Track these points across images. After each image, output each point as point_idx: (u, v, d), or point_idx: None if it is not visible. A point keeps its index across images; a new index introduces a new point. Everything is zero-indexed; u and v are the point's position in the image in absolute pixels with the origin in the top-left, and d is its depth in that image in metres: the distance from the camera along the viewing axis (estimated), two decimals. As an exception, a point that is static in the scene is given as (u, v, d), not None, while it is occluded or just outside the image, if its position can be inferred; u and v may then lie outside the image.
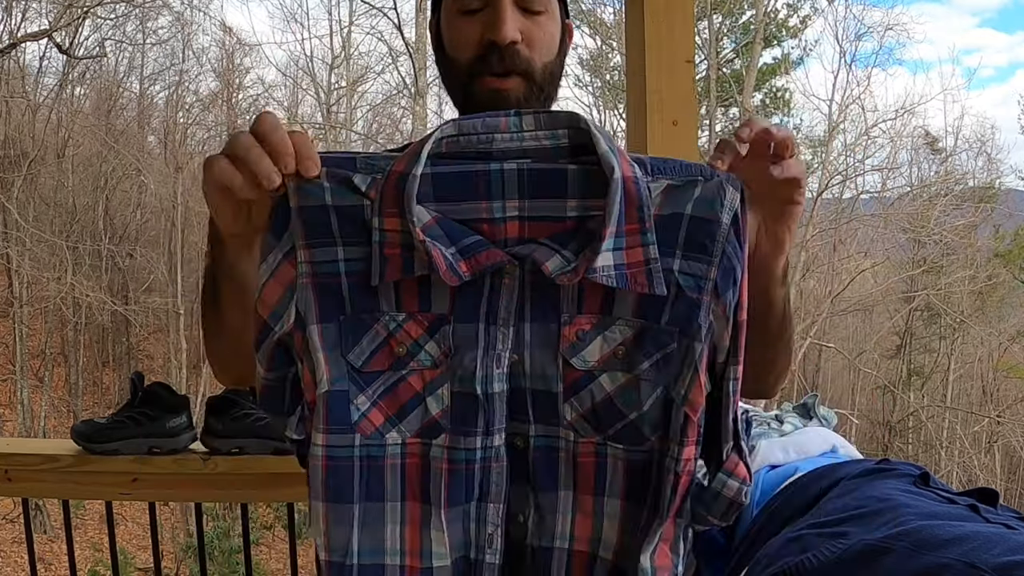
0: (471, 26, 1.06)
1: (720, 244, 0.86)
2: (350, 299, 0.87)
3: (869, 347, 16.80)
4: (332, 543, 0.91)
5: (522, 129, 0.84)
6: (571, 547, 0.92)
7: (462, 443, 0.89)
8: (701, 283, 0.86)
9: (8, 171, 14.58)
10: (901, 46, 20.19)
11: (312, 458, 0.90)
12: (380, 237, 0.84)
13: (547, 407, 0.90)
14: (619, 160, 0.82)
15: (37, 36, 13.78)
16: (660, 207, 0.85)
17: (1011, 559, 0.80)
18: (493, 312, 0.87)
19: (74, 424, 1.78)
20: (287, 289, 0.87)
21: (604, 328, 0.88)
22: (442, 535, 0.90)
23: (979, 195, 15.57)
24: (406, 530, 0.91)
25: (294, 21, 21.94)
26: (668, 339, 0.87)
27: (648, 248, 0.84)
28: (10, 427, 14.41)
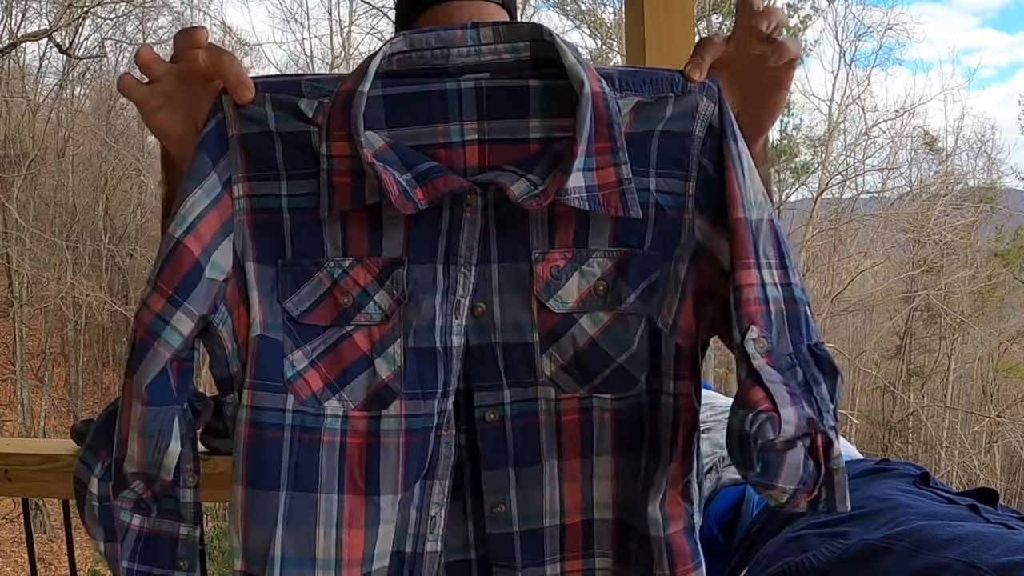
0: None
1: (695, 158, 0.80)
2: (292, 240, 0.78)
3: (869, 347, 16.79)
4: (251, 544, 0.81)
5: (480, 42, 0.77)
6: (562, 521, 0.85)
7: (421, 408, 0.79)
8: (681, 200, 0.81)
9: (8, 171, 14.58)
10: (900, 46, 20.15)
11: (236, 424, 0.80)
12: (328, 164, 0.75)
13: (522, 362, 0.81)
14: (588, 74, 0.75)
15: (37, 36, 13.77)
16: (631, 125, 0.79)
17: (1011, 559, 0.80)
18: (453, 250, 0.78)
19: (74, 424, 1.77)
20: (223, 224, 0.77)
21: (581, 262, 0.80)
22: (391, 528, 0.80)
23: (979, 195, 15.56)
24: (343, 533, 0.79)
25: (294, 21, 21.88)
26: (652, 265, 0.82)
27: (620, 168, 0.77)
28: (10, 427, 14.40)
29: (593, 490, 0.85)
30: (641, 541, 0.85)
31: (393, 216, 0.77)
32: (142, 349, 0.78)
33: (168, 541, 0.86)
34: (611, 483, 0.85)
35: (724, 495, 1.44)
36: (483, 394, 0.82)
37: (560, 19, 18.34)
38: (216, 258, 0.77)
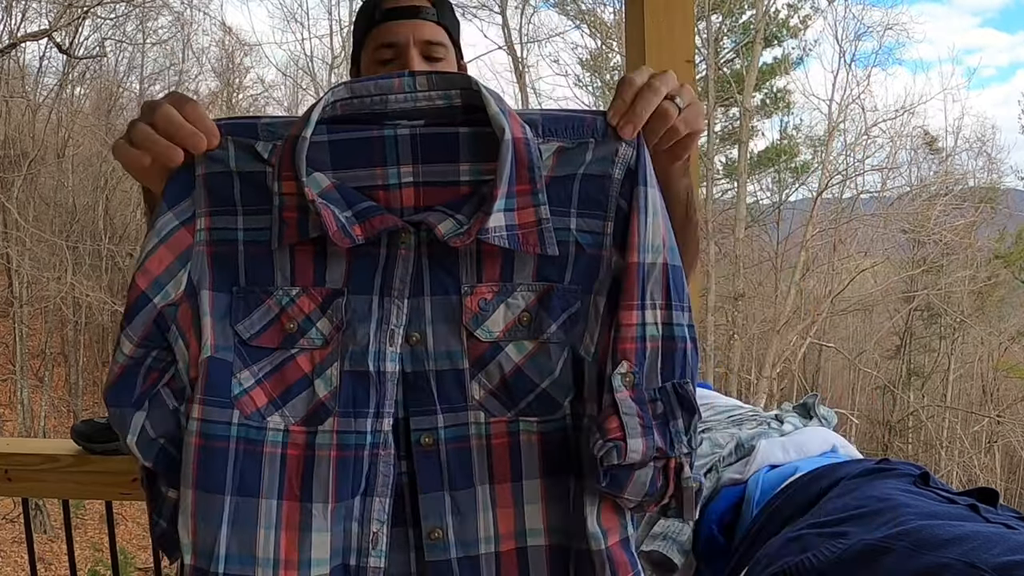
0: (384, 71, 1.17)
1: (614, 199, 0.87)
2: (245, 270, 0.87)
3: (869, 347, 16.80)
4: (199, 542, 0.85)
5: (415, 89, 0.84)
6: (497, 548, 0.88)
7: (352, 426, 0.85)
8: (600, 238, 0.88)
9: (8, 171, 14.58)
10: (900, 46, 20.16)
11: (187, 435, 0.86)
12: (279, 201, 0.84)
13: (453, 388, 0.88)
14: (509, 122, 0.82)
15: (37, 36, 13.77)
16: (553, 169, 0.86)
17: (1011, 559, 0.80)
18: (388, 283, 0.86)
19: (74, 424, 1.78)
20: (178, 257, 0.86)
21: (506, 295, 0.87)
22: (325, 537, 0.85)
23: (979, 195, 15.56)
24: (281, 535, 0.85)
25: (294, 21, 21.89)
26: (573, 298, 0.88)
27: (539, 208, 0.84)
28: (10, 427, 14.41)
29: (525, 515, 0.89)
30: (581, 557, 0.89)
31: (336, 251, 0.85)
32: (111, 365, 0.91)
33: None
34: (542, 507, 0.89)
35: (724, 495, 1.45)
36: (419, 419, 0.88)
37: (560, 19, 18.36)
38: (168, 287, 0.87)
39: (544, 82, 15.84)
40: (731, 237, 13.91)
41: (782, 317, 13.48)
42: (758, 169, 15.60)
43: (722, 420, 1.66)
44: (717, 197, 14.70)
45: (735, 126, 14.73)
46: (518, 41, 14.85)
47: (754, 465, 1.44)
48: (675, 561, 1.43)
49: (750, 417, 1.65)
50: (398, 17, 1.22)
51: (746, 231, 14.26)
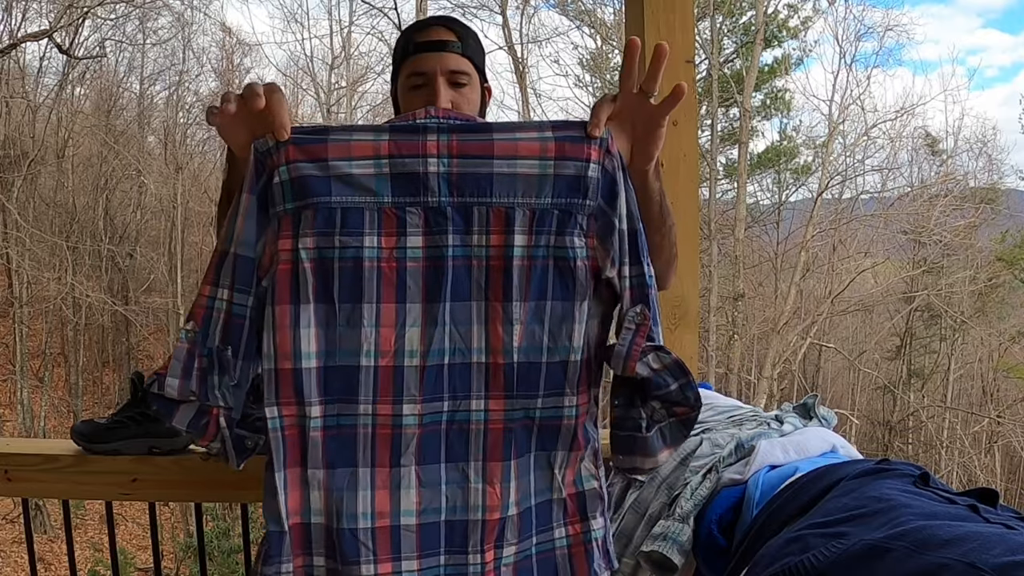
0: (418, 99, 1.37)
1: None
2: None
3: (869, 347, 16.79)
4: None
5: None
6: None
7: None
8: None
9: (8, 171, 14.58)
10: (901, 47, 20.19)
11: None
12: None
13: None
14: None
15: (37, 36, 13.77)
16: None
17: (1011, 559, 0.80)
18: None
19: (74, 424, 1.78)
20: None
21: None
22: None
23: (980, 196, 15.56)
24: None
25: (294, 21, 21.96)
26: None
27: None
28: (10, 427, 14.40)
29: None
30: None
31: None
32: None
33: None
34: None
35: (724, 495, 1.44)
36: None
37: (560, 19, 18.35)
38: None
39: (544, 82, 15.83)
40: (731, 237, 13.91)
41: (782, 317, 13.48)
42: (758, 170, 15.60)
43: (722, 420, 1.66)
44: (718, 197, 14.70)
45: (735, 127, 14.72)
46: (518, 41, 14.87)
47: (754, 465, 1.44)
48: (675, 561, 1.43)
49: (750, 417, 1.65)
50: (427, 50, 1.37)
51: (746, 232, 14.27)
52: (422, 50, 1.36)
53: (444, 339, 1.08)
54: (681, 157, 1.87)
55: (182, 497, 2.13)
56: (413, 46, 1.37)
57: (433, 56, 1.36)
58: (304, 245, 1.06)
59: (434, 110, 1.11)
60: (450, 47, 1.39)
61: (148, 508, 2.04)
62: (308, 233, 1.06)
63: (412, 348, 1.07)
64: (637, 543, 1.55)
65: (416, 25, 1.43)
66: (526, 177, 1.08)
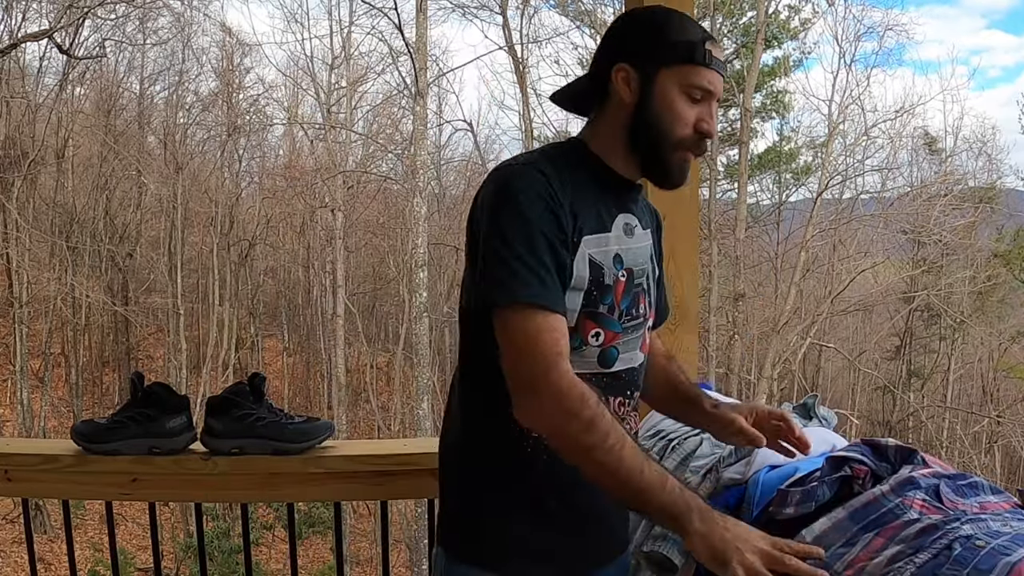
0: (691, 111, 1.24)
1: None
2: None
3: (869, 347, 16.79)
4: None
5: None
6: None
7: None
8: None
9: (8, 171, 14.57)
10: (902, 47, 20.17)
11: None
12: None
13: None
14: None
15: (37, 36, 13.76)
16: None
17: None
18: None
19: (74, 424, 1.78)
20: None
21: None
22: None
23: (979, 195, 15.55)
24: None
25: (294, 21, 21.86)
26: None
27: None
28: (10, 427, 14.40)
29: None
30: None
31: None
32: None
33: None
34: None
35: (724, 496, 1.44)
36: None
37: (561, 20, 18.33)
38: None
39: (545, 83, 15.80)
40: (732, 238, 13.91)
41: (782, 317, 13.48)
42: (759, 170, 15.60)
43: (722, 420, 1.66)
44: (718, 198, 14.70)
45: (735, 127, 14.72)
46: (519, 42, 14.86)
47: (754, 465, 1.44)
48: (675, 561, 1.43)
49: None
50: (720, 69, 1.26)
51: (747, 232, 14.27)
52: (717, 67, 1.25)
53: None
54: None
55: (182, 497, 2.13)
56: (708, 56, 1.24)
57: (719, 78, 1.26)
58: None
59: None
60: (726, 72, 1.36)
61: (148, 508, 2.04)
62: None
63: None
64: (638, 543, 1.55)
65: (705, 32, 1.29)
66: None
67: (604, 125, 1.28)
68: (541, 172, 1.19)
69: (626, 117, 1.26)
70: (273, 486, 1.79)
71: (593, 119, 1.32)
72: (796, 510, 1.20)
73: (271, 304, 20.06)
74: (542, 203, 1.16)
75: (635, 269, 1.28)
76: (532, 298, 1.13)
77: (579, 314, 1.21)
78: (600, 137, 1.29)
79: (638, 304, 1.29)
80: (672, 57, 1.24)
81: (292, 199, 17.33)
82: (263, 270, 19.28)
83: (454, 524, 1.30)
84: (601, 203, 1.25)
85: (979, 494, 1.13)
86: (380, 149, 17.16)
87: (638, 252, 1.30)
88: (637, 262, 1.29)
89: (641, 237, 1.31)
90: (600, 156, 1.28)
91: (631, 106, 1.25)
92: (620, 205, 1.29)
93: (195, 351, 16.44)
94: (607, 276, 1.23)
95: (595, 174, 1.27)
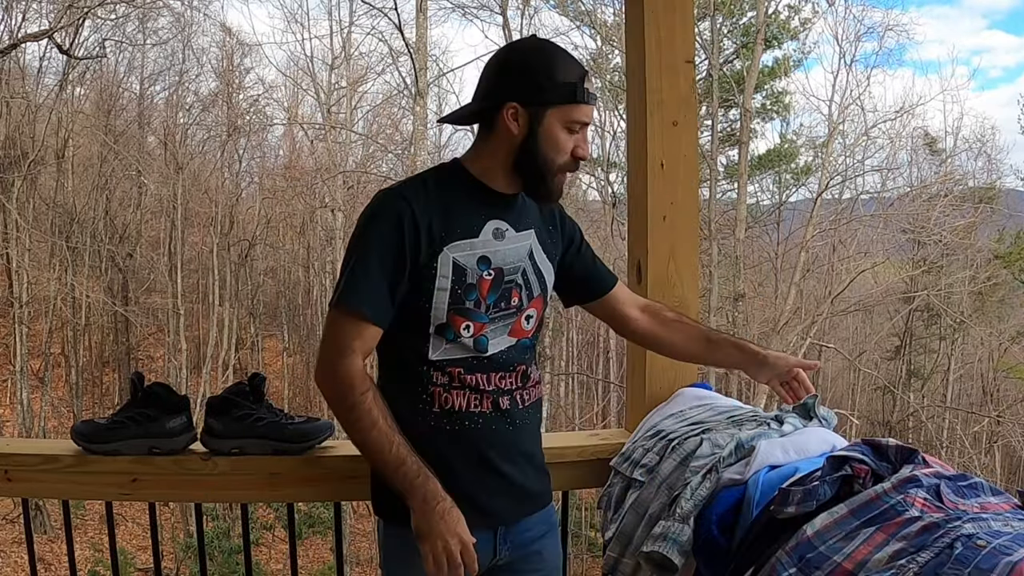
0: (569, 140, 1.47)
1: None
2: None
3: (869, 347, 16.79)
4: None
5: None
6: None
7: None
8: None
9: (8, 171, 14.57)
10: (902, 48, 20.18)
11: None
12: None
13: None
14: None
15: (37, 36, 13.77)
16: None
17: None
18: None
19: (74, 424, 1.77)
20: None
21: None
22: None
23: (979, 195, 15.55)
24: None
25: (294, 21, 21.93)
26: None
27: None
28: (10, 427, 14.40)
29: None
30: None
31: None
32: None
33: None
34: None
35: (724, 496, 1.44)
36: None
37: (561, 20, 18.32)
38: None
39: (544, 83, 15.71)
40: (732, 238, 13.91)
41: (782, 317, 13.48)
42: (759, 170, 15.60)
43: (722, 421, 1.66)
44: (718, 198, 14.69)
45: (735, 127, 14.72)
46: (518, 42, 14.81)
47: (754, 465, 1.44)
48: (675, 562, 1.43)
49: (750, 418, 1.64)
50: (593, 102, 1.49)
51: (747, 232, 14.26)
52: (591, 101, 1.48)
53: None
54: (681, 158, 1.87)
55: (182, 497, 2.13)
56: (585, 94, 1.46)
57: (592, 109, 1.49)
58: None
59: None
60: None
61: (148, 508, 2.04)
62: None
63: None
64: (637, 543, 1.55)
65: (582, 69, 1.49)
66: None
67: (488, 150, 1.50)
68: (404, 199, 1.44)
69: (513, 148, 1.47)
70: (273, 486, 1.79)
71: (477, 144, 1.52)
72: (797, 509, 1.20)
73: (271, 304, 20.06)
74: (391, 229, 1.42)
75: (505, 267, 1.50)
76: (350, 305, 1.42)
77: (447, 311, 1.45)
78: (482, 160, 1.50)
79: (510, 297, 1.51)
80: (556, 98, 1.45)
81: (292, 199, 17.33)
82: (263, 270, 19.27)
83: (382, 494, 1.53)
84: (471, 214, 1.48)
85: (979, 495, 1.13)
86: (380, 149, 17.17)
87: (508, 252, 1.50)
88: (507, 261, 1.50)
89: (514, 239, 1.52)
90: (477, 176, 1.50)
91: (519, 139, 1.46)
92: (491, 214, 1.50)
93: (195, 351, 16.43)
94: (470, 275, 1.46)
95: (469, 191, 1.49)
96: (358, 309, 1.42)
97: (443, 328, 1.46)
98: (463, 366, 1.47)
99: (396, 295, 1.44)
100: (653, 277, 1.88)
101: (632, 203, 1.96)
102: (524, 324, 1.55)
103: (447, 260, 1.44)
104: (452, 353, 1.47)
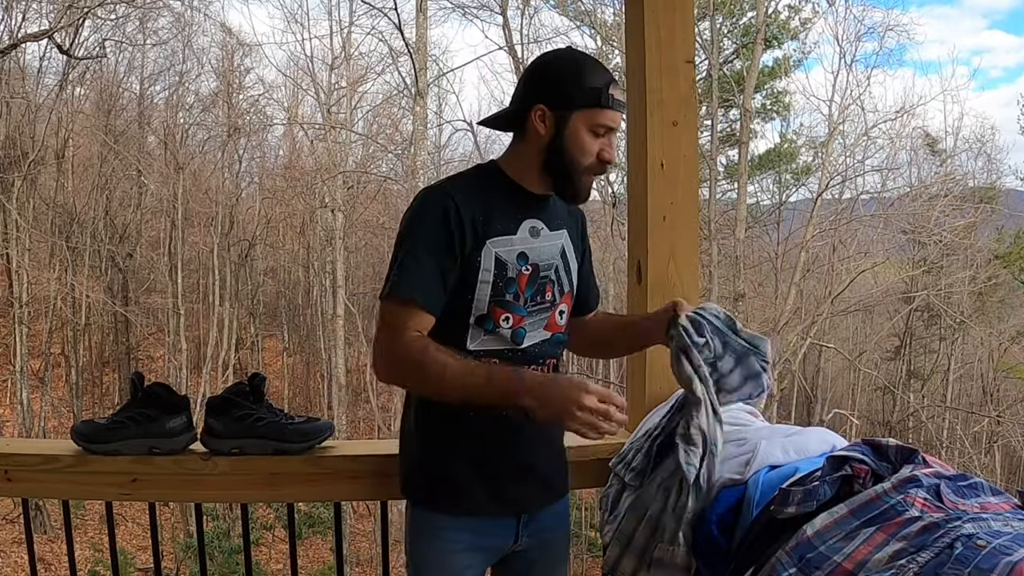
0: (595, 144, 1.53)
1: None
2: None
3: (869, 347, 16.79)
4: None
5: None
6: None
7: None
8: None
9: (8, 171, 14.57)
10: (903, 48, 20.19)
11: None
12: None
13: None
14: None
15: (37, 36, 13.77)
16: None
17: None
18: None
19: (74, 424, 1.77)
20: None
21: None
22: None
23: (979, 196, 15.55)
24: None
25: (294, 21, 21.88)
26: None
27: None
28: (10, 427, 14.40)
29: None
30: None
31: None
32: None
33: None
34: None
35: (723, 496, 1.44)
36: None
37: (561, 20, 18.33)
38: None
39: (544, 83, 15.73)
40: (732, 238, 13.91)
41: (782, 317, 13.47)
42: (759, 170, 15.59)
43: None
44: (718, 198, 14.69)
45: (735, 127, 14.72)
46: (519, 42, 14.86)
47: (754, 465, 1.44)
48: (675, 561, 1.43)
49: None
50: (619, 108, 1.54)
51: (747, 232, 14.26)
52: (617, 108, 1.54)
53: None
54: (681, 158, 1.87)
55: (182, 497, 2.13)
56: (610, 99, 1.52)
57: (619, 116, 1.55)
58: None
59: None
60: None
61: (148, 508, 2.04)
62: None
63: None
64: (637, 543, 1.55)
65: (609, 76, 1.55)
66: None
67: (520, 152, 1.56)
68: (448, 195, 1.49)
69: (542, 148, 1.53)
70: (273, 486, 1.79)
71: (512, 145, 1.59)
72: (797, 509, 1.20)
73: (271, 304, 20.05)
74: (437, 223, 1.46)
75: (541, 264, 1.56)
76: (403, 294, 1.45)
77: (488, 303, 1.50)
78: (516, 161, 1.57)
79: (544, 292, 1.57)
80: (582, 102, 1.51)
81: (292, 199, 17.33)
82: (263, 270, 19.27)
83: (417, 481, 1.60)
84: (509, 212, 1.54)
85: (979, 495, 1.13)
86: (380, 149, 17.16)
87: (543, 250, 1.57)
88: (543, 258, 1.57)
89: (548, 237, 1.58)
90: (513, 177, 1.56)
91: (546, 140, 1.52)
92: (527, 213, 1.56)
93: (195, 351, 16.43)
94: (510, 270, 1.52)
95: (506, 192, 1.55)
96: (411, 297, 1.45)
97: (483, 319, 1.51)
98: (499, 357, 1.52)
99: (447, 283, 1.48)
100: (653, 277, 1.88)
101: (632, 203, 1.97)
102: (558, 319, 1.62)
103: (490, 254, 1.50)
104: (489, 344, 1.52)
